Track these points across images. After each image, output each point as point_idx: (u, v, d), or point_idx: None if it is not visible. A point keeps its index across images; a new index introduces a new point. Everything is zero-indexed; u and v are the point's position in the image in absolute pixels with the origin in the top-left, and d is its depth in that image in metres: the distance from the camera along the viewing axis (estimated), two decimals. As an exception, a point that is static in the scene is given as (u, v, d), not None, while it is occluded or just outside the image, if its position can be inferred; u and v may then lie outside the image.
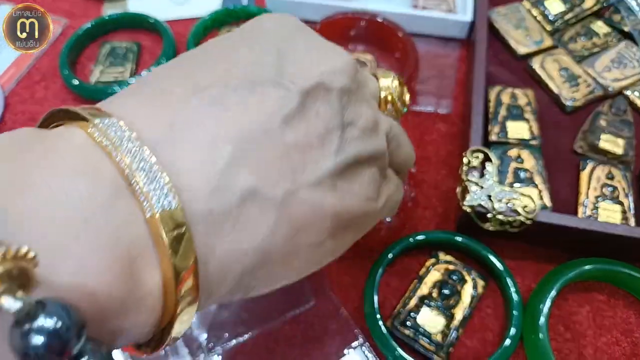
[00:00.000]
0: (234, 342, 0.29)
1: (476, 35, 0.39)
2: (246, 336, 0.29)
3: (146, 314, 0.14)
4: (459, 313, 0.29)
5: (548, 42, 0.42)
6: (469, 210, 0.29)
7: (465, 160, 0.31)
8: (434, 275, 0.30)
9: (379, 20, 0.41)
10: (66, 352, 0.10)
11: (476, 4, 0.42)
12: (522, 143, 0.35)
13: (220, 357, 0.28)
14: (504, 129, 0.36)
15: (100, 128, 0.14)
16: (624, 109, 0.37)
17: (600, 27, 0.43)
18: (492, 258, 0.30)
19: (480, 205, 0.29)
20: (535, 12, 0.43)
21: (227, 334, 0.29)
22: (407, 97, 0.24)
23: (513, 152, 0.34)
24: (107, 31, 0.45)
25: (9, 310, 0.10)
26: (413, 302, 0.29)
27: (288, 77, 0.17)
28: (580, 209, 0.33)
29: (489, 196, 0.29)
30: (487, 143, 0.35)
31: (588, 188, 0.33)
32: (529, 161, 0.34)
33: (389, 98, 0.23)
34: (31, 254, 0.11)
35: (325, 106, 0.18)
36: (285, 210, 0.16)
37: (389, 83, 0.23)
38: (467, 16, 0.42)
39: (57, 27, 0.46)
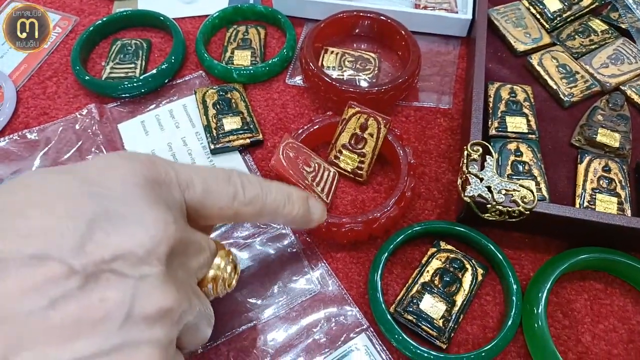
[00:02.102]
0: (243, 327, 0.30)
1: (476, 33, 0.40)
2: (254, 322, 0.30)
3: None
4: (460, 300, 0.30)
5: (546, 39, 0.43)
6: (469, 201, 0.30)
7: (466, 153, 0.31)
8: (436, 263, 0.31)
9: (382, 18, 0.42)
10: None
11: (476, 2, 0.43)
12: (521, 137, 0.36)
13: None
14: (503, 124, 0.37)
15: None
16: (620, 104, 0.38)
17: (597, 24, 0.43)
18: (492, 247, 0.31)
19: (480, 196, 0.30)
20: (534, 10, 0.44)
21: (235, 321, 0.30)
22: (234, 281, 0.25)
23: (512, 146, 0.35)
24: (117, 28, 0.46)
25: None
26: (415, 289, 0.30)
27: (84, 256, 0.17)
28: (578, 201, 0.34)
29: (489, 187, 0.30)
30: (486, 137, 0.36)
31: (585, 180, 0.34)
32: (527, 154, 0.35)
33: (215, 278, 0.23)
34: None
35: (114, 292, 0.17)
36: None
37: (219, 263, 0.23)
38: (467, 14, 0.43)
39: (67, 24, 0.47)
